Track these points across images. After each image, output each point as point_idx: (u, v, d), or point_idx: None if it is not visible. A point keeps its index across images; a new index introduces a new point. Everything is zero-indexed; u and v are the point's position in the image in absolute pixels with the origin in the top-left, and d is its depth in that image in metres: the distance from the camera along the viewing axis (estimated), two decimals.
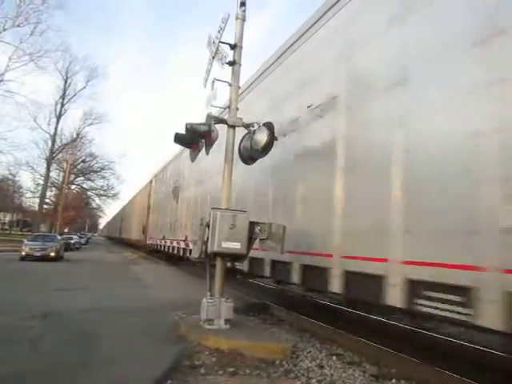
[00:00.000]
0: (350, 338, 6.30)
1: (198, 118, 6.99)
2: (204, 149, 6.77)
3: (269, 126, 6.62)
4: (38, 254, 19.84)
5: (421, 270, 4.48)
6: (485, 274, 3.83)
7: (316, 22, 7.38)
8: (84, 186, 54.79)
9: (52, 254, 20.31)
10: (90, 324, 6.64)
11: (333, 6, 6.84)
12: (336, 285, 5.91)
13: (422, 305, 4.49)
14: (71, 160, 45.46)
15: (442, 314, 4.28)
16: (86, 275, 14.88)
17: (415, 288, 4.57)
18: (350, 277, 5.64)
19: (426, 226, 4.55)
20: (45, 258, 19.61)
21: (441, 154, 4.47)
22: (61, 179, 48.87)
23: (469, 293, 3.96)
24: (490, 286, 3.79)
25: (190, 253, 12.99)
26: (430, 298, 4.40)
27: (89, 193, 57.41)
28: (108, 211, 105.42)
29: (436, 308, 4.33)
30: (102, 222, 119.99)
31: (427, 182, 4.59)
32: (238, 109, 6.95)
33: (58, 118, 43.30)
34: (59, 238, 25.22)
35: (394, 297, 4.81)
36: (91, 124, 47.71)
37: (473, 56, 4.24)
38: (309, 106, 7.13)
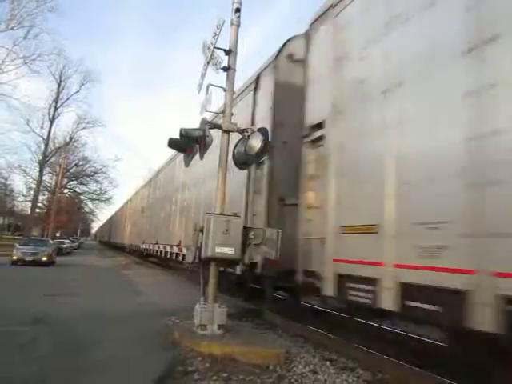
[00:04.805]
0: (344, 343, 6.30)
1: (192, 124, 7.01)
2: (198, 153, 6.77)
3: (263, 132, 6.64)
4: (30, 258, 19.59)
5: None
6: None
7: None
8: (77, 190, 54.51)
9: (44, 259, 20.08)
10: (81, 330, 6.59)
11: None
12: None
13: None
14: (64, 164, 45.22)
15: None
16: (78, 280, 14.74)
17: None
18: None
19: None
20: (36, 263, 19.38)
21: None
22: (53, 183, 48.58)
23: None
24: None
25: (184, 258, 12.94)
26: None
27: (82, 197, 57.13)
28: (101, 215, 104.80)
29: None
30: (95, 227, 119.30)
31: None
32: (232, 114, 6.96)
33: (52, 121, 42.88)
34: (51, 242, 25.02)
35: None
36: (84, 128, 47.41)
37: None
38: None
